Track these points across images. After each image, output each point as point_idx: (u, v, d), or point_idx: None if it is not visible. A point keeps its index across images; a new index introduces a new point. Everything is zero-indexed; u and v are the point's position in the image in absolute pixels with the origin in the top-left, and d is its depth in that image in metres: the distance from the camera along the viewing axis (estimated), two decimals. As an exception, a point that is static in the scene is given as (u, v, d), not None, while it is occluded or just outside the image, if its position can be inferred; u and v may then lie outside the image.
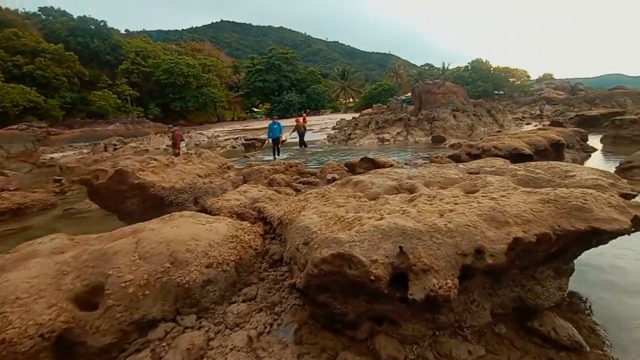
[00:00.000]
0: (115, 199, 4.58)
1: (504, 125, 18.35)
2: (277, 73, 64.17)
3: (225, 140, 24.56)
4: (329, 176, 7.25)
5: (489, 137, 8.98)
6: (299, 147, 15.69)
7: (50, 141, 28.87)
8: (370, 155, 8.63)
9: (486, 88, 47.44)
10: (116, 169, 4.25)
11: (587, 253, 2.53)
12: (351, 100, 69.93)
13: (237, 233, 3.01)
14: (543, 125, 15.20)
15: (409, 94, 30.21)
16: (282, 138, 13.26)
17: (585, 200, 2.07)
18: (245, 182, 6.95)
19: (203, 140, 27.30)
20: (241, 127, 40.17)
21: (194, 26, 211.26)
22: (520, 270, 2.32)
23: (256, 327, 2.27)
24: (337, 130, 20.70)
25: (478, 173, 3.40)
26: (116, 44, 52.92)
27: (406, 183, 3.14)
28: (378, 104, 36.08)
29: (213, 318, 2.36)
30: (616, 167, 6.42)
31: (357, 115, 28.68)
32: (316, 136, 21.90)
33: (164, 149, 20.84)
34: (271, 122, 13.27)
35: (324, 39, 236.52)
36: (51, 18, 51.50)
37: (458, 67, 57.93)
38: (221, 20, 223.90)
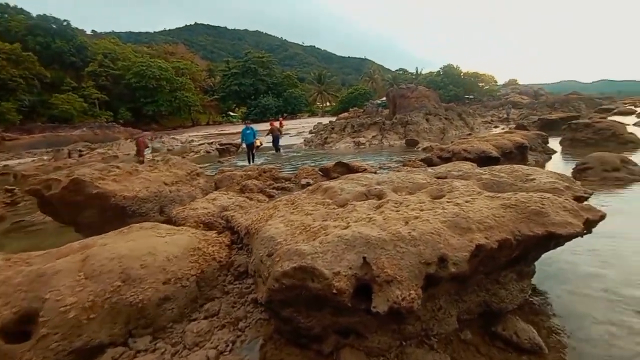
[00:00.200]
0: (70, 211, 4.25)
1: (474, 128, 19.08)
2: (253, 77, 63.60)
3: (199, 145, 23.90)
4: (304, 181, 7.17)
5: (460, 141, 9.26)
6: (275, 152, 15.51)
7: (5, 147, 26.84)
8: (345, 159, 8.66)
9: (457, 92, 49.40)
10: (71, 179, 3.95)
11: (547, 252, 2.61)
12: (328, 104, 70.46)
13: (200, 245, 2.86)
14: (510, 128, 15.93)
15: (384, 98, 30.83)
16: (257, 143, 13.00)
17: (542, 204, 2.12)
18: (217, 189, 6.73)
19: (176, 145, 26.42)
20: (217, 132, 39.34)
21: (167, 28, 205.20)
22: (485, 275, 2.34)
23: (217, 346, 2.14)
24: (314, 134, 20.71)
25: (446, 177, 3.44)
26: (82, 45, 50.19)
27: (375, 189, 3.11)
28: (355, 108, 36.57)
29: (170, 338, 2.20)
30: (573, 169, 6.79)
31: (334, 119, 28.88)
32: (293, 140, 21.79)
33: (134, 155, 19.93)
34: (244, 128, 12.95)
35: (301, 43, 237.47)
36: (6, 16, 48.02)
37: (431, 72, 60.02)
38: (195, 23, 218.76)
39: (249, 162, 12.22)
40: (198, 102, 58.78)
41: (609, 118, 15.38)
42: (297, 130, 30.00)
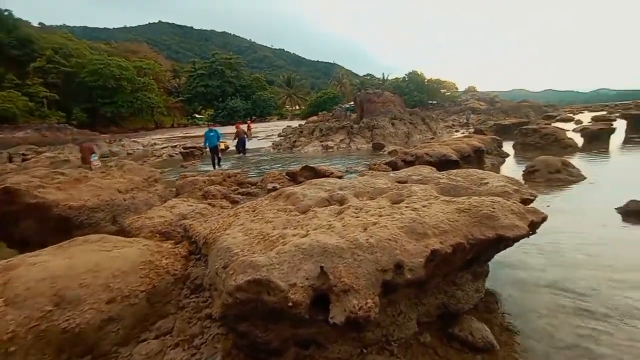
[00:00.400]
0: (1, 224, 3.81)
1: (437, 132, 19.97)
2: (221, 78, 62.07)
3: (162, 148, 22.78)
4: (270, 186, 7.04)
5: (422, 145, 9.62)
6: (241, 155, 15.16)
7: None
8: (313, 163, 8.64)
9: (421, 98, 51.57)
10: (1, 187, 3.54)
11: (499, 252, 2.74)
12: (297, 107, 70.43)
13: (153, 257, 2.66)
14: (469, 132, 16.86)
15: (352, 103, 31.35)
16: (221, 146, 12.58)
17: (493, 208, 2.21)
18: (178, 196, 6.40)
19: (137, 149, 24.97)
20: (181, 134, 37.76)
21: (128, 25, 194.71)
22: (442, 277, 2.40)
23: (168, 368, 1.99)
24: (283, 137, 20.55)
25: (406, 182, 3.51)
26: (27, 38, 45.82)
27: (337, 194, 3.10)
28: (323, 112, 36.77)
29: (114, 364, 2.02)
30: (523, 171, 7.31)
31: (304, 122, 28.86)
32: (261, 143, 21.47)
33: (92, 160, 18.52)
34: (207, 130, 12.37)
35: (270, 46, 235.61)
36: None
37: (397, 78, 62.13)
38: (159, 21, 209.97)
39: (214, 167, 11.79)
40: (162, 104, 56.12)
41: (553, 124, 16.81)
42: (266, 133, 29.64)
